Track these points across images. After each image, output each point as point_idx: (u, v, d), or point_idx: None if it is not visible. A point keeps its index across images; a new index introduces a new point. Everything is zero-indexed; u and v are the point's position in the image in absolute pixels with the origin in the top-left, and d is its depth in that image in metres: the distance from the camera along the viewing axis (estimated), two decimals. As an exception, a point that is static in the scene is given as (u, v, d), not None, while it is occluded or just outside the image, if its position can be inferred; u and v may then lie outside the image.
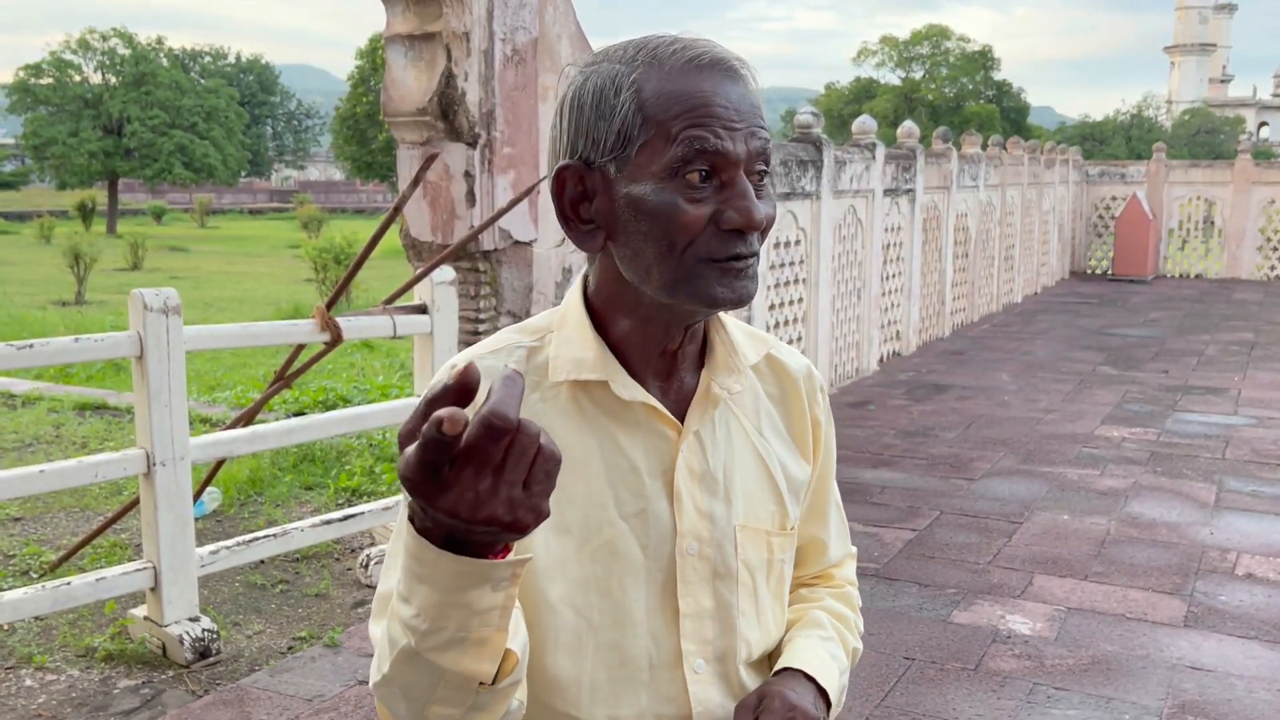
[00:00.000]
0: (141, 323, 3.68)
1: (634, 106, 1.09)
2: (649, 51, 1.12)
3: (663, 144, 1.08)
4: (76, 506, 5.67)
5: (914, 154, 10.44)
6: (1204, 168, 18.44)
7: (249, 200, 61.08)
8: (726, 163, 1.09)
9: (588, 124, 1.12)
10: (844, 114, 42.33)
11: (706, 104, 1.09)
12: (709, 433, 1.22)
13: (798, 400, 1.34)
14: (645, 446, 1.19)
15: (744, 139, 1.10)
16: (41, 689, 3.65)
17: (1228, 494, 5.91)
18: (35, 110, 41.65)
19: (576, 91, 1.14)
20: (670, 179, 1.08)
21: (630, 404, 1.18)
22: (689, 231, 1.09)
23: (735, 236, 1.10)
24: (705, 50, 1.12)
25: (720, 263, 1.10)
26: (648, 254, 1.11)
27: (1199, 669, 3.80)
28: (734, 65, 1.13)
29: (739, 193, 1.09)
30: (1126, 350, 10.78)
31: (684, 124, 1.08)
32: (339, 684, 3.67)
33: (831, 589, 1.43)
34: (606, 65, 1.13)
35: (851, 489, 5.91)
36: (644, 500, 1.18)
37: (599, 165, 1.12)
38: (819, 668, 1.24)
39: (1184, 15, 75.76)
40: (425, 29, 4.70)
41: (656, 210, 1.09)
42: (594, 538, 1.16)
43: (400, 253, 5.67)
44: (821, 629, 1.33)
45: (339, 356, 10.00)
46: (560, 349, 1.18)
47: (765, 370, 1.32)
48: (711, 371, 1.22)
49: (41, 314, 13.88)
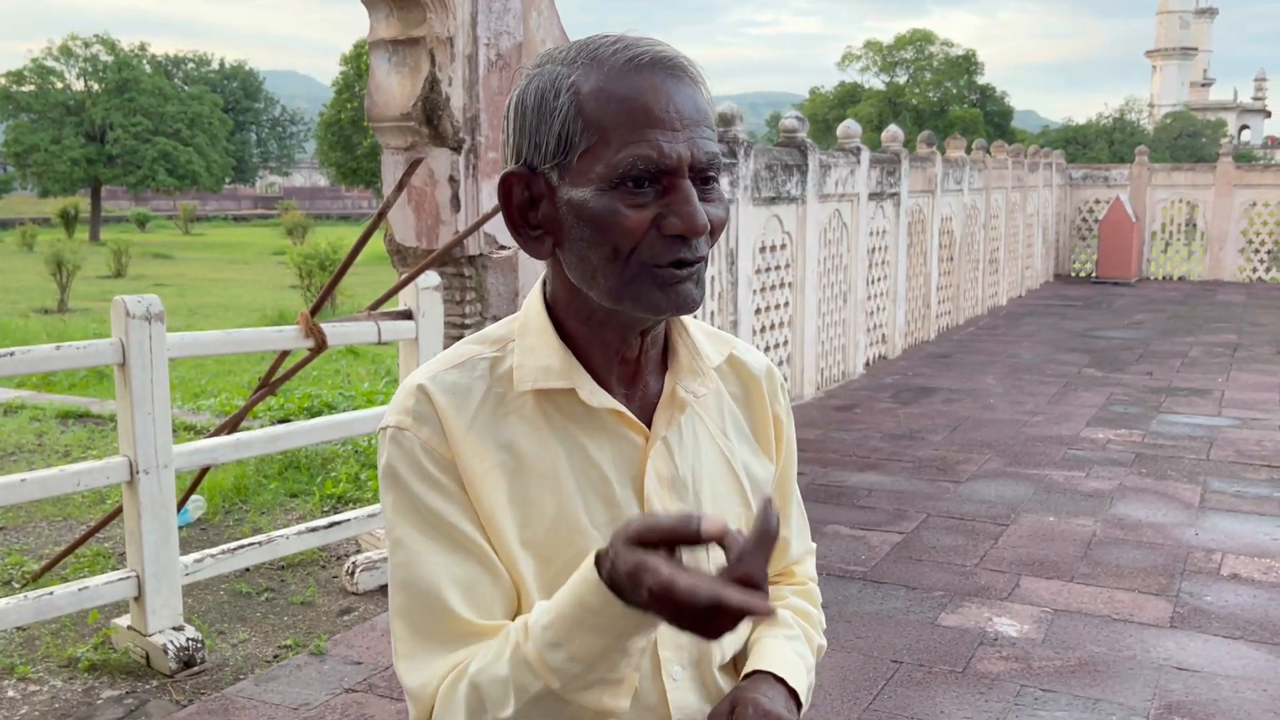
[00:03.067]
0: (124, 330, 3.66)
1: (573, 111, 1.07)
2: (590, 52, 1.09)
3: (603, 149, 1.06)
4: (59, 516, 5.62)
5: (899, 158, 10.47)
6: (1186, 171, 18.56)
7: (233, 207, 60.86)
8: (667, 167, 1.06)
9: (530, 129, 1.10)
10: (829, 118, 42.44)
11: (646, 107, 1.06)
12: (676, 437, 1.22)
13: (760, 399, 1.34)
14: (614, 454, 1.18)
15: (685, 142, 1.07)
16: (24, 700, 3.61)
17: (1212, 495, 5.93)
18: (17, 117, 41.38)
19: (520, 95, 1.12)
20: (611, 185, 1.06)
21: (597, 411, 1.17)
22: (631, 237, 1.07)
23: (679, 242, 1.08)
24: (646, 49, 1.09)
25: (663, 269, 1.08)
26: (592, 260, 1.09)
27: (1185, 669, 3.82)
28: (677, 64, 1.10)
29: (681, 198, 1.07)
30: (1111, 352, 10.83)
31: (624, 129, 1.06)
32: (325, 692, 3.65)
33: (794, 586, 1.43)
34: (550, 67, 1.11)
35: (838, 492, 5.92)
36: (615, 508, 1.17)
37: (543, 171, 1.10)
38: (788, 669, 1.24)
39: (1165, 19, 76.25)
40: (409, 34, 4.68)
41: (598, 217, 1.07)
42: (566, 549, 1.15)
43: (385, 258, 5.65)
44: (788, 628, 1.33)
45: (324, 363, 9.97)
46: (524, 358, 1.17)
47: (727, 370, 1.32)
48: (676, 375, 1.22)
49: (24, 322, 13.79)
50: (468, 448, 1.13)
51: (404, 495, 1.13)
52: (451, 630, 1.10)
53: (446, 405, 1.14)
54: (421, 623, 1.10)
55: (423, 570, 1.11)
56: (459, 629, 1.09)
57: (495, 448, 1.14)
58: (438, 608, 1.10)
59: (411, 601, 1.11)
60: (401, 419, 1.14)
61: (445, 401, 1.14)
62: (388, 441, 1.15)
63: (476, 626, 1.10)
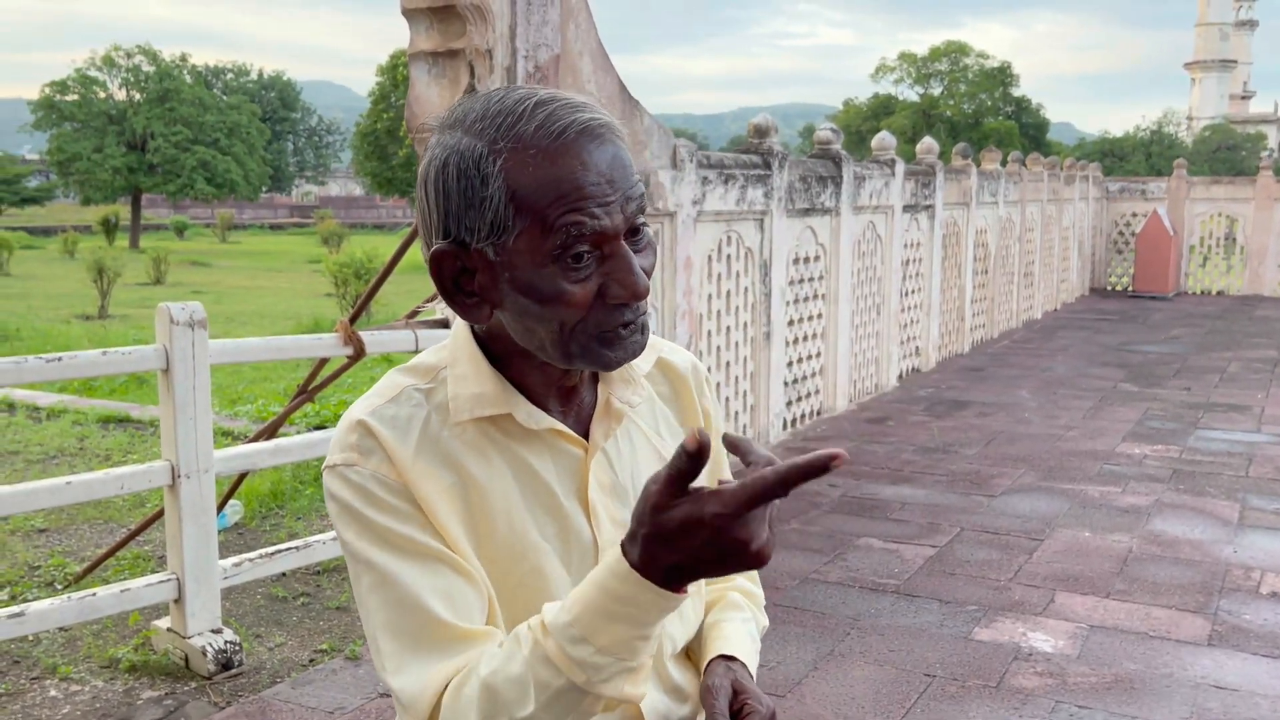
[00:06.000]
0: (168, 336, 3.72)
1: (504, 197, 1.08)
2: (507, 127, 1.09)
3: (539, 231, 1.07)
4: (100, 518, 5.71)
5: (933, 170, 10.44)
6: (1225, 184, 18.34)
7: (270, 215, 61.52)
8: (606, 239, 1.09)
9: (457, 211, 1.11)
10: (862, 130, 42.35)
11: (579, 185, 1.07)
12: (613, 446, 1.26)
13: (688, 396, 1.39)
14: (557, 468, 1.21)
15: (619, 208, 1.09)
16: (66, 699, 3.68)
17: (1251, 511, 5.86)
18: (61, 126, 42.10)
19: (438, 172, 1.12)
20: (552, 262, 1.08)
21: (537, 430, 1.20)
22: (579, 310, 1.10)
23: (623, 306, 1.11)
24: (569, 120, 1.09)
25: (610, 331, 1.12)
26: (539, 333, 1.12)
27: (1223, 688, 3.77)
28: (599, 128, 1.11)
29: (622, 266, 1.10)
30: (1148, 367, 10.72)
31: (559, 210, 1.07)
32: (360, 696, 3.68)
33: None
34: (466, 140, 1.10)
35: (871, 505, 5.90)
36: (563, 519, 1.21)
37: (476, 248, 1.11)
38: (749, 653, 1.34)
39: (1204, 31, 75.47)
40: (449, 46, 4.74)
41: (543, 295, 1.09)
42: (520, 563, 1.18)
43: (421, 268, 5.69)
44: (740, 610, 1.41)
45: (361, 371, 10.05)
46: (458, 387, 1.19)
47: (656, 373, 1.37)
48: (608, 386, 1.25)
49: (65, 327, 14.01)
50: (417, 473, 1.15)
51: (364, 526, 1.14)
52: (442, 637, 1.11)
53: (389, 436, 1.16)
54: (410, 634, 1.11)
55: (401, 585, 1.12)
56: (449, 634, 1.11)
57: (443, 470, 1.16)
58: (424, 617, 1.11)
59: (396, 615, 1.12)
60: (348, 455, 1.16)
61: (388, 433, 1.16)
62: (337, 480, 1.16)
63: (466, 631, 1.11)
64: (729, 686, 1.26)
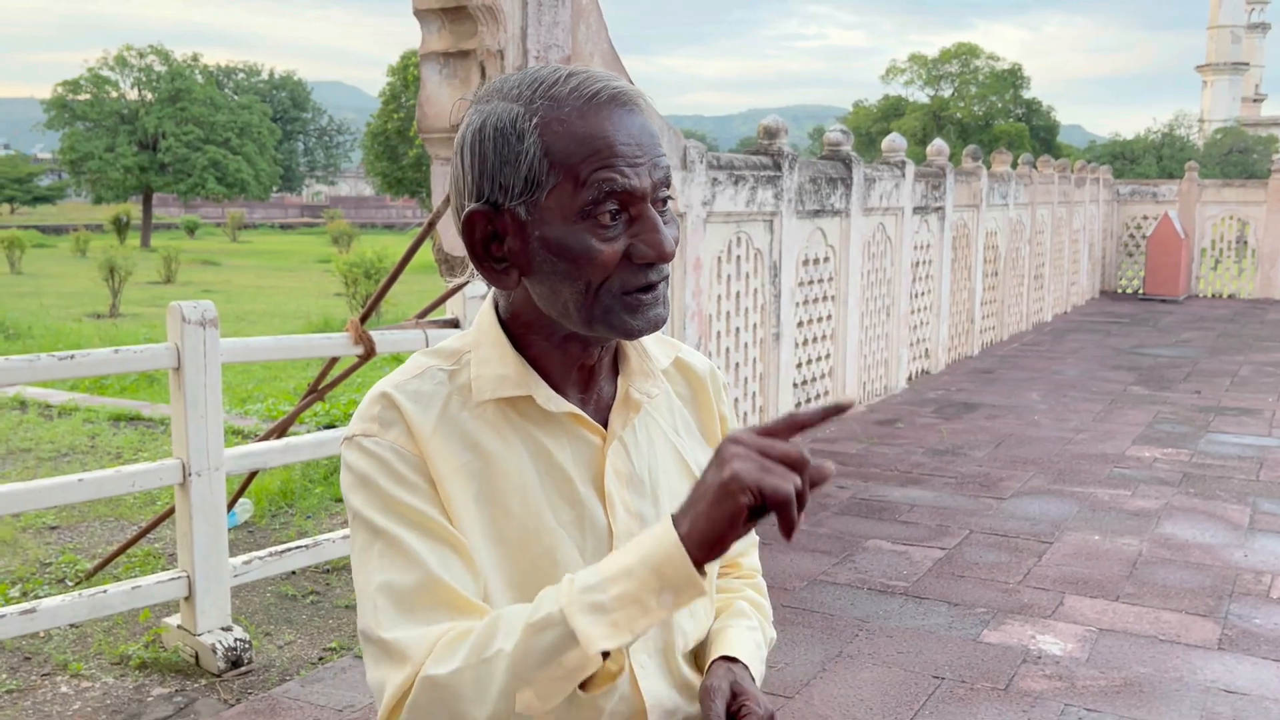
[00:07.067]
0: (180, 335, 3.74)
1: (539, 152, 1.12)
2: (544, 90, 1.14)
3: (572, 186, 1.12)
4: (111, 516, 5.74)
5: (944, 172, 10.42)
6: (1237, 187, 18.27)
7: (280, 215, 61.70)
8: (634, 198, 1.13)
9: (492, 169, 1.15)
10: (872, 131, 42.26)
11: (611, 144, 1.12)
12: (631, 436, 1.28)
13: (706, 399, 1.41)
14: (574, 454, 1.23)
15: (648, 171, 1.14)
16: (76, 696, 3.70)
17: (1262, 516, 5.84)
18: (73, 126, 42.27)
19: (475, 134, 1.16)
20: (582, 219, 1.12)
21: (556, 415, 1.22)
22: (605, 269, 1.13)
23: (647, 267, 1.15)
24: (601, 86, 1.14)
25: (632, 295, 1.15)
26: (564, 293, 1.15)
27: (1233, 692, 3.76)
28: (630, 97, 1.16)
29: (649, 226, 1.14)
30: (1158, 370, 10.69)
31: (592, 166, 1.11)
32: (369, 695, 3.69)
33: (743, 578, 1.51)
34: (503, 105, 1.15)
35: (880, 507, 5.89)
36: (579, 506, 1.22)
37: (508, 208, 1.15)
38: (752, 658, 1.34)
39: (1216, 34, 75.18)
40: (460, 47, 4.75)
41: (572, 251, 1.13)
42: (534, 546, 1.19)
43: (431, 268, 5.71)
44: (748, 619, 1.42)
45: (370, 370, 10.07)
46: (480, 368, 1.22)
47: (674, 373, 1.39)
48: (628, 378, 1.28)
49: (77, 326, 14.07)
50: (434, 448, 1.17)
51: (375, 494, 1.16)
52: (443, 598, 1.12)
53: (412, 410, 1.19)
54: (410, 592, 1.12)
55: (406, 548, 1.13)
56: (450, 596, 1.12)
57: (461, 449, 1.19)
58: (428, 578, 1.12)
59: (398, 575, 1.13)
60: (368, 426, 1.18)
61: (410, 407, 1.19)
62: (354, 451, 1.18)
63: (467, 600, 1.13)
64: (728, 688, 1.26)
